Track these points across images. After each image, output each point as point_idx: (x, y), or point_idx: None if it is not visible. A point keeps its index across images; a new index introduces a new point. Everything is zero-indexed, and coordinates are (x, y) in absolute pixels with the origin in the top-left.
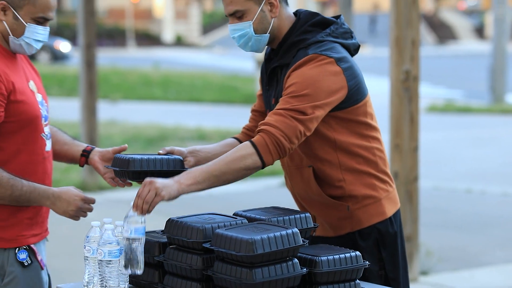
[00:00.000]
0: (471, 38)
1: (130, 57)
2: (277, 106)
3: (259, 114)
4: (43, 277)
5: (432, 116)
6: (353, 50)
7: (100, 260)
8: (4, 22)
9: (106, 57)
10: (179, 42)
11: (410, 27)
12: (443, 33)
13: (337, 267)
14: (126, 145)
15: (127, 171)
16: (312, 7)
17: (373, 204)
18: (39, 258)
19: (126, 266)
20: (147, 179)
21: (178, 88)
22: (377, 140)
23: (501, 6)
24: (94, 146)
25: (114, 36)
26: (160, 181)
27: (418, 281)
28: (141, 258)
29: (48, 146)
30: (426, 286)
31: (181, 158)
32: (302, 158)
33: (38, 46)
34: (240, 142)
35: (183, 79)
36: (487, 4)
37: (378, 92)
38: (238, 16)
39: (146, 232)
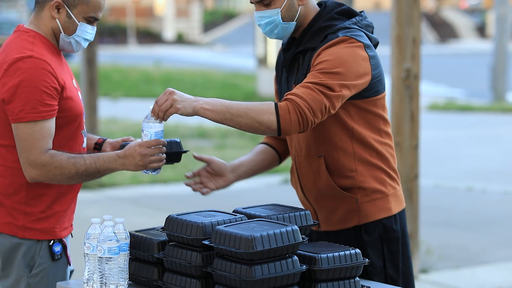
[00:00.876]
0: (473, 36)
1: (131, 55)
2: (305, 80)
3: None
4: (68, 272)
5: (433, 115)
6: (374, 44)
7: (100, 257)
8: (57, 20)
9: (107, 54)
10: (180, 39)
11: (411, 25)
12: (445, 31)
13: (337, 264)
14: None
15: None
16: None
17: (381, 199)
18: (68, 253)
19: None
20: (169, 88)
21: (179, 86)
22: (390, 136)
23: (503, 5)
24: (105, 138)
25: (115, 34)
26: (179, 94)
27: (418, 279)
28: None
29: (85, 143)
30: (426, 284)
31: (178, 140)
32: (311, 148)
33: (85, 44)
34: (270, 146)
35: (184, 76)
36: (488, 3)
37: None
38: (265, 3)
39: (146, 229)
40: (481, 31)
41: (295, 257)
